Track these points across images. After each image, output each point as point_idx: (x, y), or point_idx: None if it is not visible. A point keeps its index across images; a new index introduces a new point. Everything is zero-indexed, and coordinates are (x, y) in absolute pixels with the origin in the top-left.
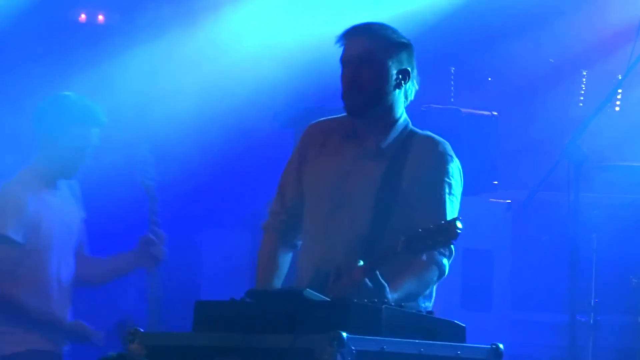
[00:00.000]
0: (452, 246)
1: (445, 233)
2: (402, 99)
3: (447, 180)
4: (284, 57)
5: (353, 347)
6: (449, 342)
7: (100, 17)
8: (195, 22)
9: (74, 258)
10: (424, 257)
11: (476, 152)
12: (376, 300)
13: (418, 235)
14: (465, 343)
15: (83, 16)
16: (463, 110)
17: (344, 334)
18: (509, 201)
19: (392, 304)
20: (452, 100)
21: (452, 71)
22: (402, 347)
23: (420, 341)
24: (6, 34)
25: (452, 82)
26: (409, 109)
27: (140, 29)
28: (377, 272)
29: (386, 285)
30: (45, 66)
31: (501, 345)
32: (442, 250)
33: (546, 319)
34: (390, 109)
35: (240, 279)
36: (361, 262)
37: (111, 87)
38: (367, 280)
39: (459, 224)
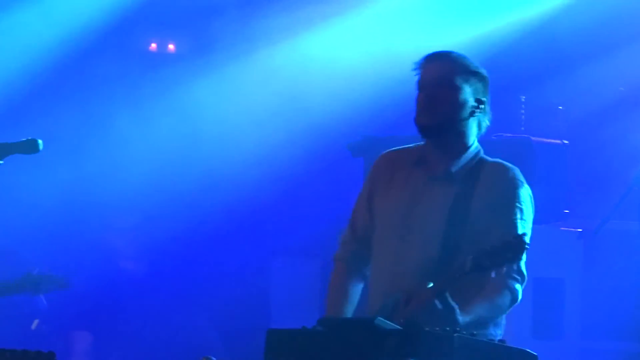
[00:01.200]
0: (524, 272)
1: (513, 249)
2: (475, 128)
3: (518, 205)
4: (357, 86)
5: None
6: None
7: (171, 46)
8: (259, 51)
9: None
10: (497, 282)
11: (547, 181)
12: (446, 323)
13: (486, 252)
14: None
15: (154, 45)
16: (534, 138)
17: None
18: (580, 230)
19: (463, 327)
20: (522, 129)
21: (523, 99)
22: None
23: None
24: (82, 60)
25: (523, 111)
26: (479, 139)
27: (209, 58)
28: (447, 294)
29: (456, 307)
30: (117, 92)
31: None
32: (514, 275)
33: (617, 348)
34: (462, 135)
35: (309, 307)
36: (430, 284)
37: (182, 114)
38: (436, 302)
39: (526, 239)
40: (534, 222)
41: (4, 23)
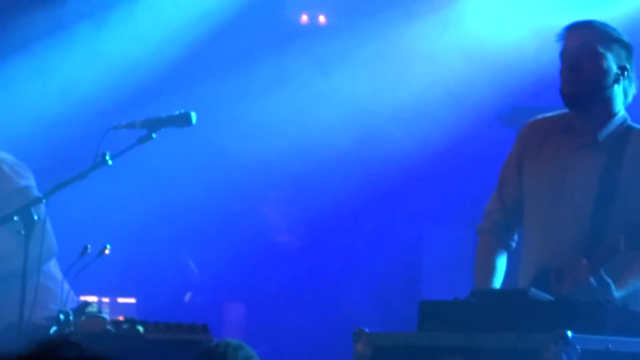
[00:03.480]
0: None
1: None
2: (621, 95)
3: None
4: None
5: (578, 346)
6: None
7: (321, 18)
8: (414, 18)
9: None
10: None
11: None
12: (601, 299)
13: (638, 230)
14: None
15: (305, 17)
16: None
17: (569, 333)
18: None
19: (618, 302)
20: None
21: None
22: (627, 347)
23: None
24: (226, 34)
25: None
26: (636, 112)
27: (361, 29)
28: (601, 271)
29: (611, 283)
30: (266, 66)
31: None
32: None
33: None
34: (608, 103)
35: (460, 277)
36: (584, 261)
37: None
38: (591, 279)
39: None
40: None
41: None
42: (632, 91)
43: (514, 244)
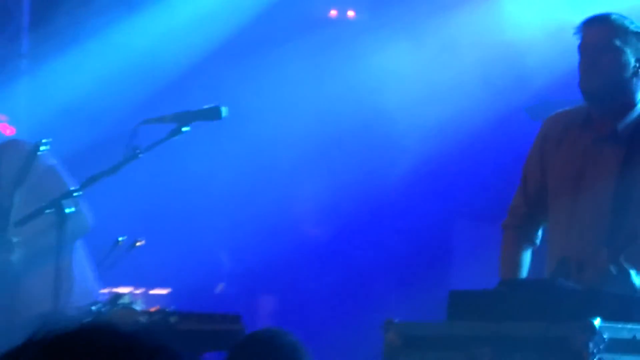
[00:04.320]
0: None
1: None
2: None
3: None
4: (535, 52)
5: (605, 335)
6: None
7: (350, 13)
8: (448, 10)
9: None
10: None
11: None
12: (624, 288)
13: None
14: None
15: (333, 12)
16: None
17: (597, 322)
18: None
19: None
20: None
21: None
22: None
23: None
24: (256, 29)
25: None
26: None
27: (390, 24)
28: (621, 259)
29: (632, 270)
30: (297, 62)
31: None
32: None
33: None
34: (627, 95)
35: (488, 270)
36: (604, 250)
37: (360, 81)
38: (611, 268)
39: None
40: None
41: None
42: None
43: (537, 240)
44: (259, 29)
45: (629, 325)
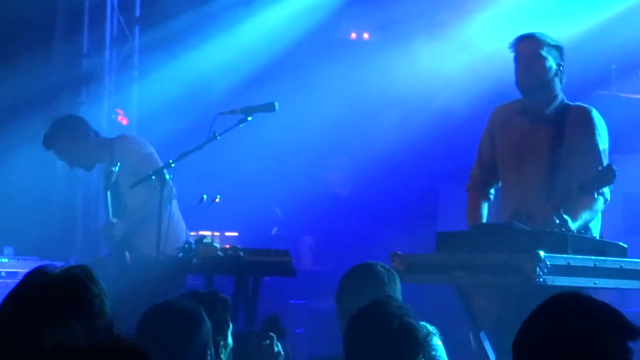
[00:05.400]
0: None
1: (607, 176)
2: (559, 83)
3: (597, 134)
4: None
5: (548, 262)
6: (615, 257)
7: (366, 35)
8: (436, 35)
9: None
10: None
11: (630, 124)
12: (563, 229)
13: (588, 181)
14: (627, 258)
15: (353, 35)
16: (622, 95)
17: (542, 253)
18: None
19: (575, 231)
20: (613, 88)
21: (614, 67)
22: (582, 262)
23: (595, 257)
24: (292, 51)
25: (614, 75)
26: (581, 96)
27: (396, 44)
28: (561, 210)
29: (569, 218)
30: (325, 78)
31: None
32: None
33: None
34: (551, 89)
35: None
36: (548, 205)
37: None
38: (554, 216)
39: (613, 167)
40: (622, 152)
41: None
42: (564, 79)
43: (492, 197)
44: (298, 48)
45: (564, 255)
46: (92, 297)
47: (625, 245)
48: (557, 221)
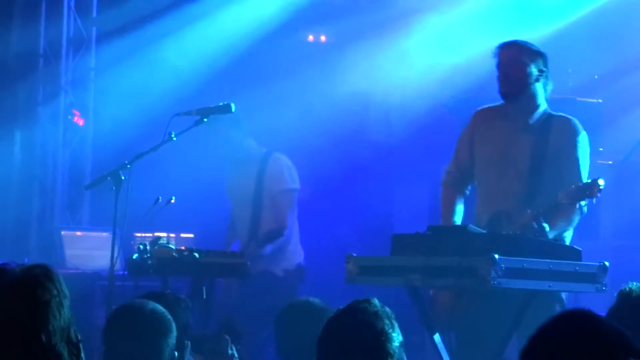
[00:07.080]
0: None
1: (590, 189)
2: (542, 91)
3: (580, 146)
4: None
5: (502, 265)
6: (569, 260)
7: (323, 38)
8: (386, 37)
9: None
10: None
11: (586, 127)
12: (541, 237)
13: (571, 191)
14: (581, 262)
15: (311, 37)
16: (578, 98)
17: (496, 256)
18: (611, 162)
19: (551, 239)
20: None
21: (570, 71)
22: (536, 265)
23: (550, 260)
24: (254, 53)
25: (570, 79)
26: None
27: (351, 45)
28: (541, 218)
29: (547, 226)
30: (283, 78)
31: (607, 263)
32: None
33: None
34: (533, 96)
35: (423, 221)
36: (529, 211)
37: (332, 86)
38: (534, 223)
39: (600, 182)
40: None
41: (206, 23)
42: (549, 87)
43: (467, 192)
44: (260, 51)
45: (519, 258)
46: (50, 297)
47: (580, 249)
48: (535, 227)
